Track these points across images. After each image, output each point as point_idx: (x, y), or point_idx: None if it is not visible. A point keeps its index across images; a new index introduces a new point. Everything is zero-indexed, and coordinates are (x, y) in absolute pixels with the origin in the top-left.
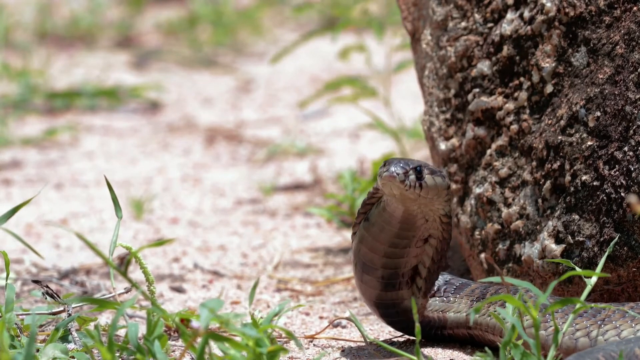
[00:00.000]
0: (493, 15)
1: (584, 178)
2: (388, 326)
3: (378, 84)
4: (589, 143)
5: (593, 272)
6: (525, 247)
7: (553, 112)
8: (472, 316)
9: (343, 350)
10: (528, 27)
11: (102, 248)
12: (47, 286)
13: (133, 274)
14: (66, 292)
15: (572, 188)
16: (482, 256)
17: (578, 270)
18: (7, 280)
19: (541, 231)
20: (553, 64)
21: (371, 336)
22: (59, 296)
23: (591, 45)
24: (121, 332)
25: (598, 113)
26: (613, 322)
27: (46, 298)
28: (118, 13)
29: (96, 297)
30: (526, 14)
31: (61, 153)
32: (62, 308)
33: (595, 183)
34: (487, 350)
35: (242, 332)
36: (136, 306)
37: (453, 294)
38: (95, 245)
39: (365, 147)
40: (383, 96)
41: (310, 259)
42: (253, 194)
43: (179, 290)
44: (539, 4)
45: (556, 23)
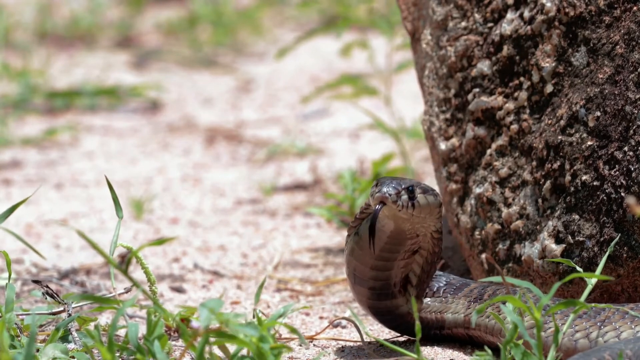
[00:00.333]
0: (493, 15)
1: (584, 178)
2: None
3: (379, 84)
4: (589, 143)
5: (595, 275)
6: (525, 247)
7: (553, 112)
8: (474, 317)
9: (343, 350)
10: (528, 27)
11: (103, 248)
12: (47, 286)
13: (133, 274)
14: (66, 292)
15: (572, 188)
16: (483, 256)
17: (580, 271)
18: (9, 280)
19: (541, 231)
20: (553, 64)
21: (371, 336)
22: (59, 296)
23: (591, 45)
24: (121, 332)
25: (598, 113)
26: (613, 324)
27: (46, 298)
28: (118, 13)
29: (97, 296)
30: (526, 14)
31: (61, 153)
32: (62, 308)
33: (595, 183)
34: (487, 349)
35: (242, 332)
36: (138, 304)
37: (452, 295)
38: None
39: (365, 147)
40: (384, 95)
41: (310, 259)
42: (253, 194)
43: (179, 290)
44: (539, 4)
45: (556, 23)
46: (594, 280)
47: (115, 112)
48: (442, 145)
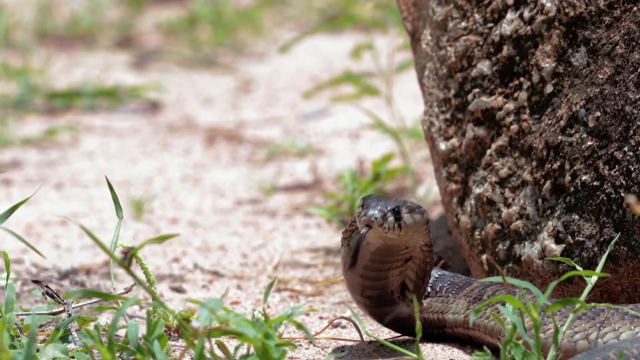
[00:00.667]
0: (493, 15)
1: (584, 178)
2: None
3: (379, 83)
4: (589, 143)
5: (593, 272)
6: (525, 247)
7: (553, 112)
8: (472, 318)
9: (343, 350)
10: (528, 27)
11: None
12: (47, 286)
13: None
14: (66, 293)
15: (572, 188)
16: (484, 257)
17: (579, 269)
18: (8, 280)
19: (541, 231)
20: (553, 64)
21: (371, 336)
22: (59, 296)
23: (591, 45)
24: (121, 333)
25: (598, 113)
26: (612, 325)
27: (46, 298)
28: (118, 13)
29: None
30: (526, 14)
31: (61, 153)
32: (62, 308)
33: (595, 183)
34: (486, 349)
35: (242, 332)
36: (140, 301)
37: (453, 295)
38: (95, 244)
39: (365, 147)
40: (384, 95)
41: (310, 259)
42: (253, 194)
43: (179, 290)
44: (539, 4)
45: (556, 23)
46: (594, 279)
47: (115, 112)
48: (442, 145)
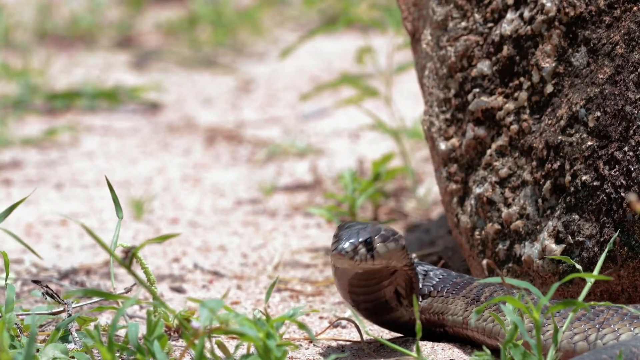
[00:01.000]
0: (493, 15)
1: (584, 178)
2: None
3: (380, 84)
4: (589, 143)
5: (595, 275)
6: (525, 247)
7: (553, 112)
8: (472, 320)
9: (343, 350)
10: (528, 27)
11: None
12: (47, 286)
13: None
14: (66, 293)
15: (572, 188)
16: (484, 262)
17: (581, 272)
18: (7, 280)
19: (541, 231)
20: (553, 64)
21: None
22: (59, 296)
23: (591, 45)
24: (121, 333)
25: (598, 113)
26: (611, 326)
27: (46, 298)
28: (118, 13)
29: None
30: (526, 14)
31: (61, 153)
32: (62, 308)
33: (595, 183)
34: (486, 349)
35: (243, 332)
36: (141, 300)
37: (453, 295)
38: (95, 244)
39: (365, 147)
40: (384, 96)
41: (310, 259)
42: (253, 194)
43: (179, 290)
44: (539, 4)
45: (556, 23)
46: (593, 279)
47: (115, 112)
48: (442, 145)
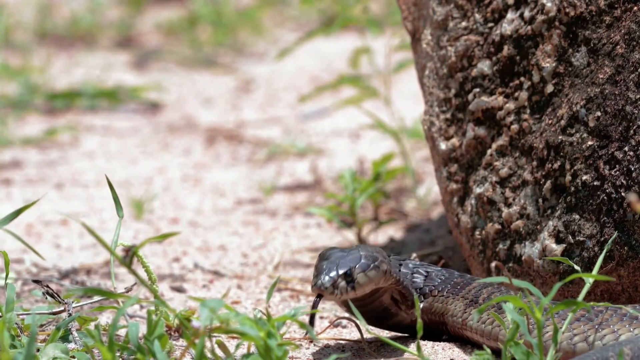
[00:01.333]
0: (493, 15)
1: (585, 178)
2: None
3: (379, 84)
4: (590, 143)
5: (596, 276)
6: (525, 247)
7: (553, 112)
8: (472, 321)
9: (344, 350)
10: (528, 27)
11: (102, 248)
12: (48, 286)
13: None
14: (66, 292)
15: (573, 188)
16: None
17: (579, 270)
18: (7, 280)
19: (541, 231)
20: (553, 64)
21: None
22: (60, 296)
23: (591, 45)
24: (122, 332)
25: (598, 113)
26: (611, 327)
27: (46, 298)
28: (118, 13)
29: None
30: (526, 14)
31: (61, 153)
32: (63, 308)
33: (595, 183)
34: (486, 348)
35: (244, 331)
36: (142, 299)
37: (452, 296)
38: (96, 244)
39: (365, 147)
40: (384, 96)
41: (310, 259)
42: (253, 194)
43: (180, 290)
44: (540, 4)
45: (556, 23)
46: (592, 279)
47: (115, 112)
48: (443, 145)
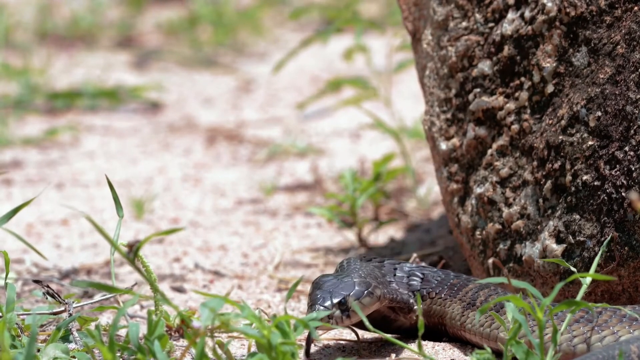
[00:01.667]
0: (494, 15)
1: (585, 178)
2: None
3: (379, 84)
4: (590, 143)
5: (598, 276)
6: (526, 247)
7: (554, 112)
8: (473, 322)
9: (344, 350)
10: (529, 27)
11: (103, 248)
12: (48, 286)
13: (134, 275)
14: (67, 292)
15: (573, 188)
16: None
17: (576, 274)
18: (7, 280)
19: (542, 231)
20: (554, 64)
21: (373, 334)
22: (60, 296)
23: (592, 45)
24: (122, 332)
25: (599, 113)
26: (610, 328)
27: (47, 298)
28: (118, 13)
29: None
30: (527, 14)
31: (62, 153)
32: (63, 308)
33: (596, 183)
34: (487, 348)
35: (246, 331)
36: (143, 295)
37: (450, 298)
38: (96, 244)
39: (366, 147)
40: (384, 96)
41: (311, 259)
42: (254, 194)
43: (180, 290)
44: (540, 4)
45: (557, 23)
46: (588, 279)
47: (115, 112)
48: (443, 145)
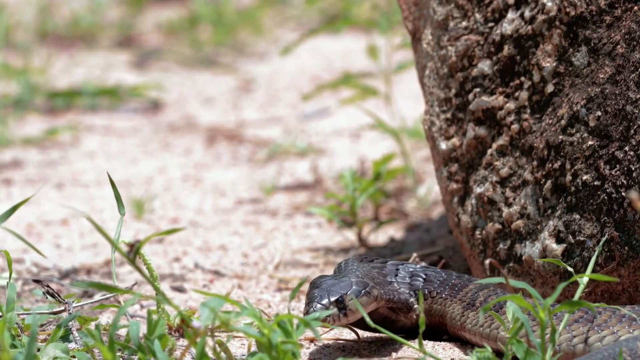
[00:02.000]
0: (494, 14)
1: (585, 178)
2: None
3: (379, 84)
4: (590, 143)
5: (599, 276)
6: (526, 247)
7: (554, 112)
8: (473, 322)
9: (344, 349)
10: (529, 27)
11: (103, 247)
12: (48, 286)
13: (134, 274)
14: (67, 292)
15: (573, 188)
16: (487, 262)
17: (573, 274)
18: (10, 279)
19: (542, 231)
20: (554, 64)
21: (372, 334)
22: (60, 296)
23: (592, 44)
24: (122, 332)
25: (599, 113)
26: (610, 328)
27: (47, 297)
28: (119, 13)
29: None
30: (527, 14)
31: (62, 153)
32: (63, 307)
33: (596, 183)
34: (487, 347)
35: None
36: (144, 295)
37: (450, 298)
38: (96, 244)
39: (366, 147)
40: (384, 96)
41: (311, 259)
42: (254, 194)
43: (180, 290)
44: (540, 4)
45: (557, 23)
46: (585, 280)
47: (115, 112)
48: (443, 145)
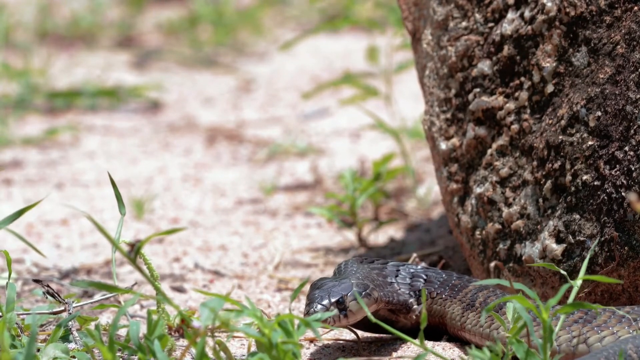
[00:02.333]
0: (494, 15)
1: (585, 178)
2: None
3: (380, 84)
4: (590, 143)
5: (600, 277)
6: (526, 247)
7: (554, 112)
8: (472, 322)
9: (344, 350)
10: (529, 27)
11: (103, 247)
12: (48, 286)
13: (134, 274)
14: (67, 292)
15: (573, 188)
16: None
17: (567, 277)
18: (10, 279)
19: (542, 231)
20: (554, 64)
21: (372, 334)
22: (60, 296)
23: (592, 45)
24: (122, 332)
25: (599, 113)
26: (610, 328)
27: (47, 297)
28: (119, 13)
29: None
30: (527, 14)
31: (62, 153)
32: (63, 308)
33: (596, 183)
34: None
35: (244, 330)
36: (144, 295)
37: (450, 298)
38: (96, 244)
39: (366, 147)
40: (385, 96)
41: (311, 259)
42: (254, 194)
43: (180, 290)
44: (540, 4)
45: (557, 23)
46: (579, 282)
47: (115, 112)
48: (443, 145)
